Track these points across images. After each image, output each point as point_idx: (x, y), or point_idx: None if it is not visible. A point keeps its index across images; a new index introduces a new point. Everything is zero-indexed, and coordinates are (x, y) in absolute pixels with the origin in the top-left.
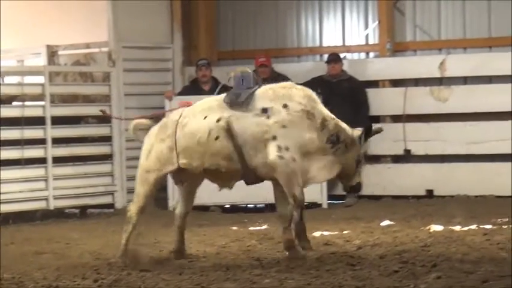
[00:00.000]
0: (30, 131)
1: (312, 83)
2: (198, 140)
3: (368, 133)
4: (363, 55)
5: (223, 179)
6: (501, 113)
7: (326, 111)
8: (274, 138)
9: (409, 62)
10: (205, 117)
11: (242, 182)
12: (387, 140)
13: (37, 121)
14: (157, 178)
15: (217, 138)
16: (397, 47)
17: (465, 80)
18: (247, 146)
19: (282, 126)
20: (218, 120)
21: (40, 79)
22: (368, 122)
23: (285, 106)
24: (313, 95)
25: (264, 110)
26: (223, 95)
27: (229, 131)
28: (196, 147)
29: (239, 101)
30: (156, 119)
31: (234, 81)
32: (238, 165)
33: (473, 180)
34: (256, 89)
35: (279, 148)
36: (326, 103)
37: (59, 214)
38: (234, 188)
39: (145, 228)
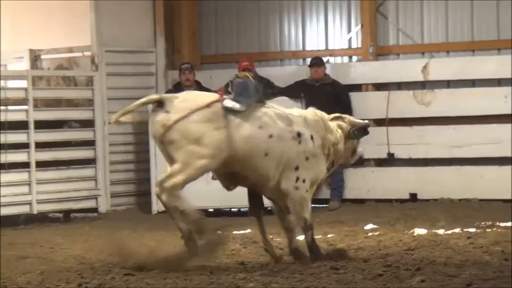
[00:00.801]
0: (13, 136)
1: (295, 87)
2: (250, 149)
3: (362, 132)
4: (345, 59)
5: (239, 183)
6: (484, 116)
7: (330, 136)
8: (296, 168)
9: (392, 65)
10: (260, 127)
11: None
12: (371, 143)
13: (20, 125)
14: (214, 167)
15: (266, 154)
16: (380, 51)
17: (448, 84)
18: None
19: (306, 158)
20: (270, 137)
21: (23, 83)
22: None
23: (312, 137)
24: (327, 122)
25: (299, 135)
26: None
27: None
28: (244, 154)
29: (239, 110)
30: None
31: (233, 88)
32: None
33: (456, 184)
34: (256, 98)
35: (297, 179)
36: (309, 107)
37: (43, 218)
38: (218, 192)
39: (129, 232)
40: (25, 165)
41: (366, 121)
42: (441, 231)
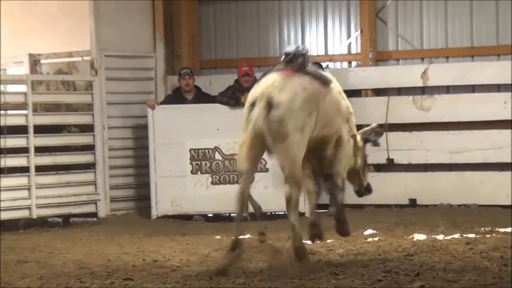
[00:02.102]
0: (13, 140)
1: None
2: (332, 106)
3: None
4: (345, 64)
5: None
6: (484, 122)
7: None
8: (347, 120)
9: (392, 71)
10: None
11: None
12: (370, 149)
13: (19, 130)
14: None
15: (337, 109)
16: (379, 56)
17: (447, 89)
18: None
19: (348, 109)
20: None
21: (22, 88)
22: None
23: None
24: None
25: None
26: None
27: None
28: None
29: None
30: None
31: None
32: None
33: (456, 189)
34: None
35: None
36: None
37: (42, 223)
38: (218, 197)
39: (128, 237)
40: (24, 169)
41: (374, 124)
42: (440, 237)
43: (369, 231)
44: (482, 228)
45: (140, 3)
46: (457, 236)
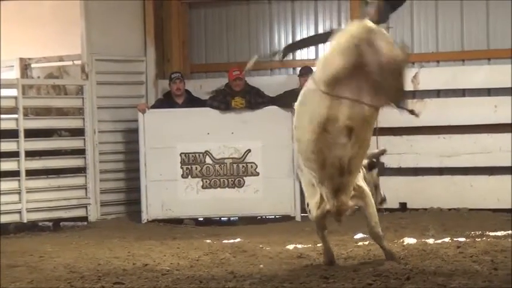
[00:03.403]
0: (3, 144)
1: (285, 96)
2: None
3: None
4: None
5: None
6: (474, 126)
7: None
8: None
9: None
10: None
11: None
12: None
13: (10, 134)
14: None
15: None
16: None
17: (438, 93)
18: None
19: None
20: None
21: (13, 92)
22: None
23: None
24: None
25: None
26: None
27: None
28: None
29: None
30: None
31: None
32: None
33: (446, 193)
34: None
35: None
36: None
37: (32, 227)
38: (208, 201)
39: (119, 241)
40: (15, 173)
41: (383, 148)
42: (431, 241)
43: (359, 235)
44: (472, 232)
45: (131, 8)
46: (447, 239)
